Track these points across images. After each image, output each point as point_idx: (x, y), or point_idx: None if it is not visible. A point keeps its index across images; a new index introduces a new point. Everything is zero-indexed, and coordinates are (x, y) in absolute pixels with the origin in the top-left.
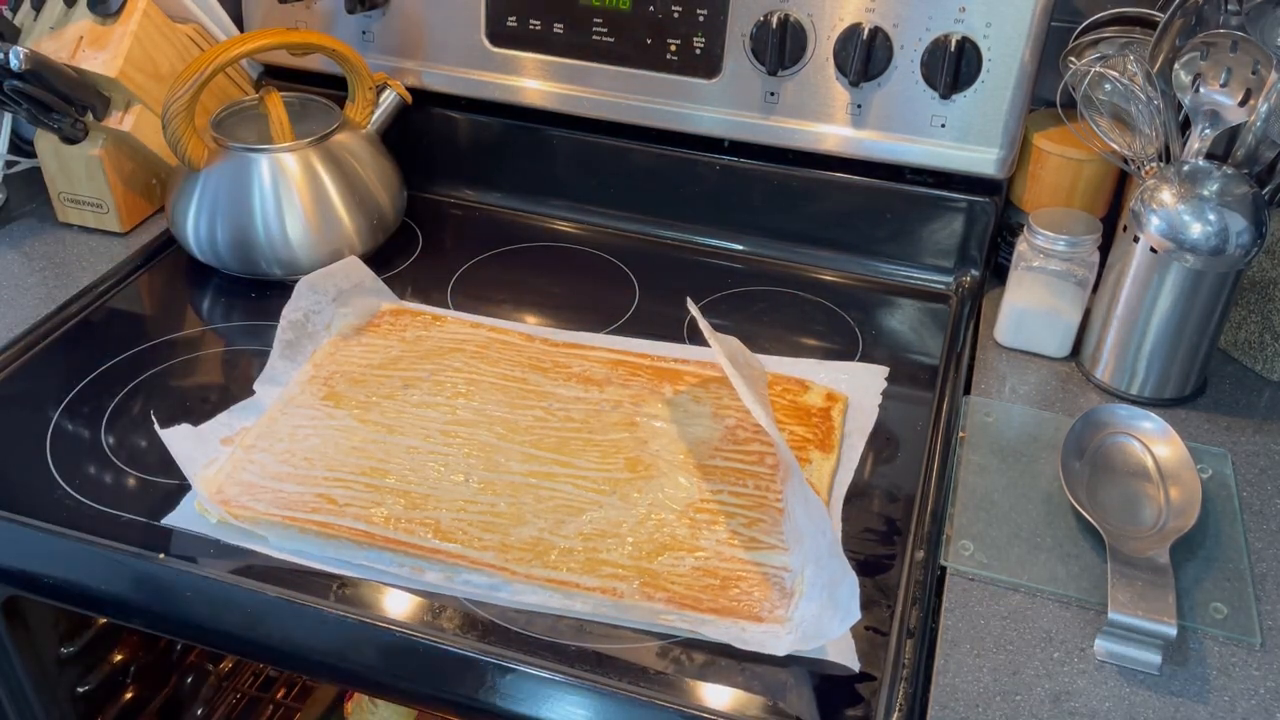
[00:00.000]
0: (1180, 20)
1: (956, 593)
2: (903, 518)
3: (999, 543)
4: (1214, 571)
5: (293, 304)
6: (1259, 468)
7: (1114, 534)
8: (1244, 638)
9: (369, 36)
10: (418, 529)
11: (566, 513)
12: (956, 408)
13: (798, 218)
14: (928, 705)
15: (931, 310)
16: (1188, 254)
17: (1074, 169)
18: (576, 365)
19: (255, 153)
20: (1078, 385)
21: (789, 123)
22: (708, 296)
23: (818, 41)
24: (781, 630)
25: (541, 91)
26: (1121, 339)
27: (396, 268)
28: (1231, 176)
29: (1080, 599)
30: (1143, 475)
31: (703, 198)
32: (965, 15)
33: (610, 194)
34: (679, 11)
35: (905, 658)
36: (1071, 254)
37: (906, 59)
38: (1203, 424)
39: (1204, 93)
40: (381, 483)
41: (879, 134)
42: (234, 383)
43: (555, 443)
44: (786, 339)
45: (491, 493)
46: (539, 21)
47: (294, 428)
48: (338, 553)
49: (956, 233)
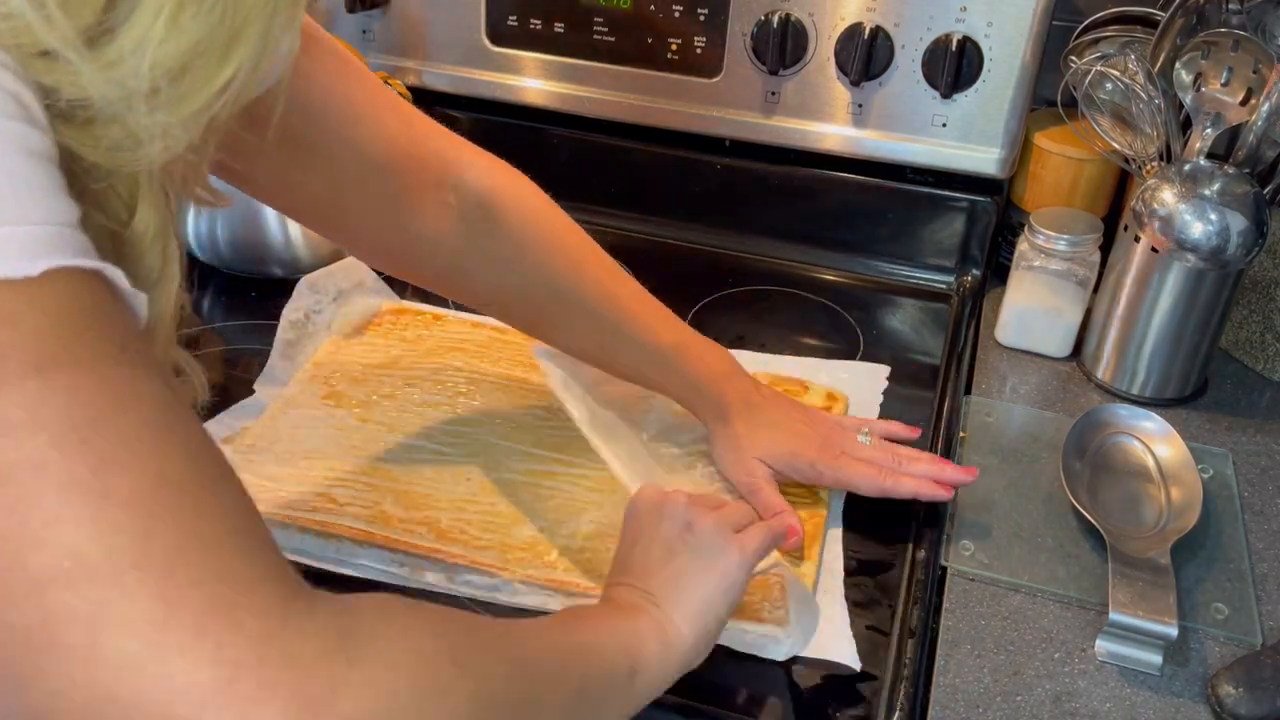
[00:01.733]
0: (1181, 19)
1: (957, 593)
2: (903, 518)
3: (1000, 543)
4: (1215, 572)
5: (293, 303)
6: (1260, 468)
7: (1115, 534)
8: (1245, 638)
9: (369, 36)
10: (418, 528)
11: (566, 513)
12: (957, 407)
13: (798, 217)
14: (928, 705)
15: (932, 310)
16: (1189, 254)
17: (1075, 168)
18: None
19: None
20: (1078, 385)
21: (790, 122)
22: (708, 296)
23: (818, 41)
24: (782, 633)
25: (542, 91)
26: (1122, 339)
27: None
28: (1233, 176)
29: (1081, 599)
30: (1144, 475)
31: (703, 197)
32: (966, 15)
33: (610, 194)
34: (680, 11)
35: (906, 658)
36: (1072, 254)
37: (907, 59)
38: (1204, 424)
39: (1205, 92)
40: (382, 482)
41: (880, 133)
42: (234, 382)
43: (555, 442)
44: (787, 338)
45: (491, 492)
46: (539, 21)
47: (294, 427)
48: (338, 552)
49: (957, 232)
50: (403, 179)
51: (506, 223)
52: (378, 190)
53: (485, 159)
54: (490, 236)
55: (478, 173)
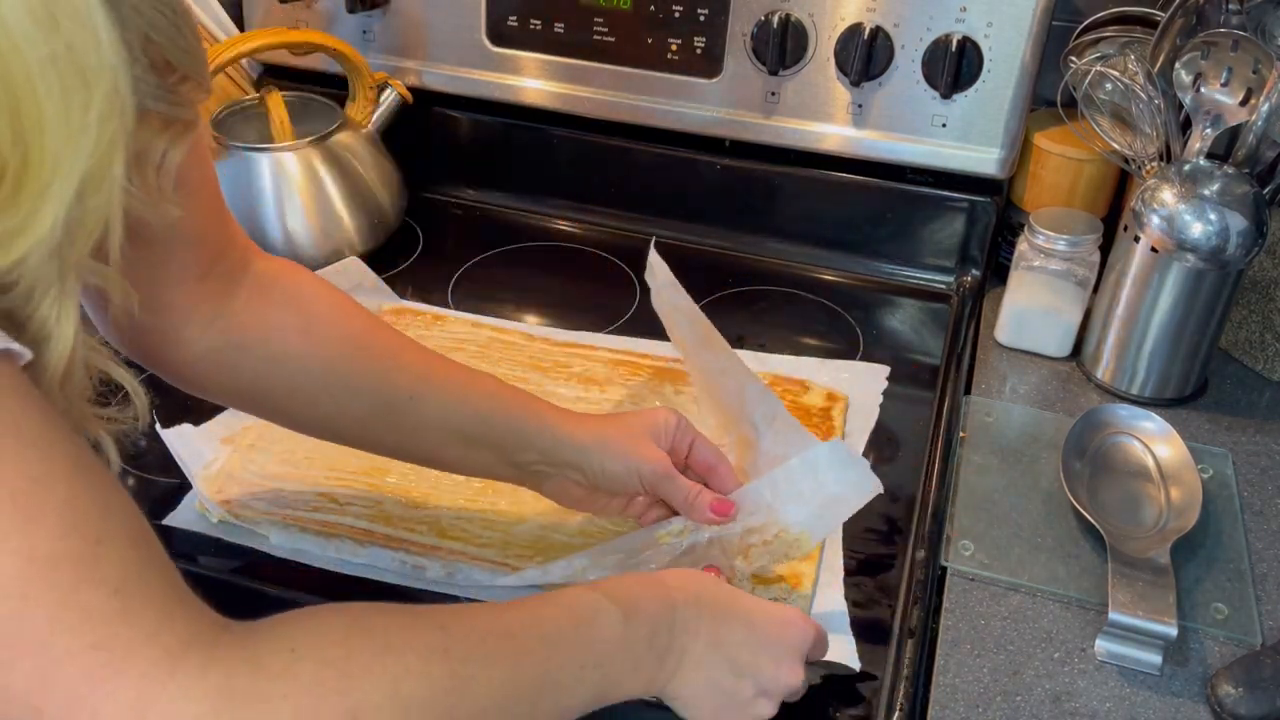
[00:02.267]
0: (1181, 19)
1: (957, 593)
2: (903, 517)
3: (999, 543)
4: (1215, 572)
5: None
6: (1260, 468)
7: (1115, 534)
8: (1245, 638)
9: (370, 36)
10: (418, 527)
11: (567, 512)
12: (957, 407)
13: (798, 217)
14: (928, 705)
15: (932, 310)
16: (1188, 254)
17: (1075, 168)
18: (577, 365)
19: (256, 152)
20: (1078, 385)
21: (790, 122)
22: (708, 296)
23: (818, 41)
24: None
25: (542, 91)
26: (1122, 339)
27: (397, 267)
28: (1232, 176)
29: (1081, 599)
30: (1143, 475)
31: (703, 197)
32: (966, 15)
33: (611, 194)
34: (680, 11)
35: (906, 658)
36: (1072, 254)
37: (907, 59)
38: (1203, 424)
39: (1205, 92)
40: (382, 481)
41: (880, 134)
42: None
43: None
44: (787, 338)
45: (492, 491)
46: (539, 21)
47: None
48: (339, 551)
49: (957, 232)
50: (199, 262)
51: (294, 294)
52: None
53: (280, 260)
54: (280, 306)
55: (267, 260)
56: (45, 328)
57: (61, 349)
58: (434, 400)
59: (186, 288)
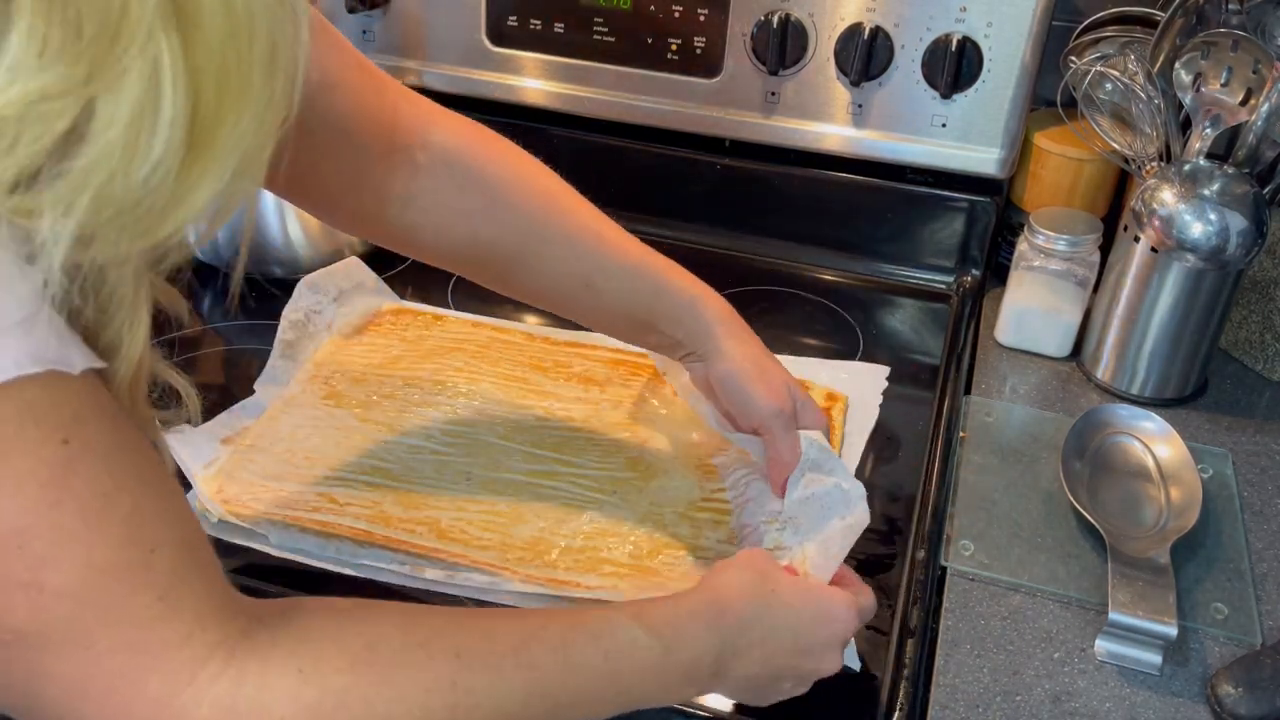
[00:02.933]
0: (1181, 19)
1: (957, 593)
2: (903, 517)
3: (999, 543)
4: (1215, 572)
5: (293, 303)
6: (1260, 468)
7: (1114, 534)
8: (1245, 638)
9: (369, 36)
10: (418, 528)
11: (567, 512)
12: (957, 407)
13: (798, 217)
14: (928, 705)
15: (932, 310)
16: (1188, 253)
17: (1075, 168)
18: (578, 365)
19: None
20: (1078, 385)
21: (789, 122)
22: None
23: (818, 41)
24: None
25: (542, 91)
26: (1122, 339)
27: (397, 267)
28: (1232, 176)
29: (1081, 599)
30: (1143, 475)
31: (703, 198)
32: (966, 15)
33: (610, 194)
34: (679, 11)
35: (906, 658)
36: (1072, 254)
37: (907, 59)
38: (1203, 424)
39: (1205, 92)
40: (382, 482)
41: (880, 134)
42: (234, 382)
43: (556, 442)
44: (787, 339)
45: (492, 492)
46: (539, 21)
47: (294, 427)
48: (338, 552)
49: (957, 232)
50: (374, 144)
51: (475, 172)
52: (349, 156)
53: (452, 118)
54: (461, 189)
55: (444, 131)
56: (119, 337)
57: (131, 357)
58: (612, 262)
59: (372, 167)
